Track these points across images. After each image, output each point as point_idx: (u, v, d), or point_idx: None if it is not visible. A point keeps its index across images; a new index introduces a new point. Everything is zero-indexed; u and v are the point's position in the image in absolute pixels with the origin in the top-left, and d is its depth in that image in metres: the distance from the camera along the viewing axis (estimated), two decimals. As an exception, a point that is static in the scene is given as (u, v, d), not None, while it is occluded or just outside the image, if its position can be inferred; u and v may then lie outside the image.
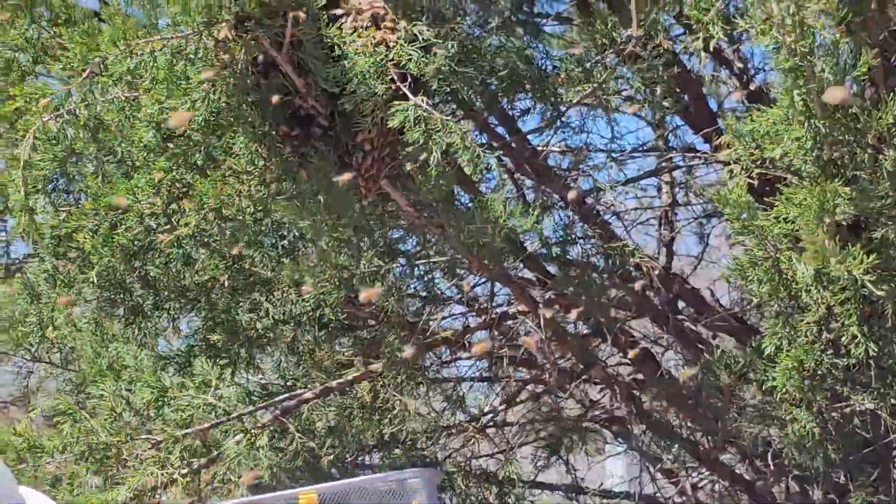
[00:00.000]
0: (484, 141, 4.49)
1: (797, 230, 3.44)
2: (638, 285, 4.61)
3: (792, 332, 3.64)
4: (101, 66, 3.43)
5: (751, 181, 3.57)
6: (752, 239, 3.55)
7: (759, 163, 3.56)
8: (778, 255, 3.52)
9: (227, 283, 4.45)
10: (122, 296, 4.40)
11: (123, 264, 3.90)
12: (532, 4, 5.01)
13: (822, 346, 3.62)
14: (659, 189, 5.56)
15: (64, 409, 4.36)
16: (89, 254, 3.79)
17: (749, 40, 4.66)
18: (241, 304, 4.63)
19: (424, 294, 4.93)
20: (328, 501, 3.87)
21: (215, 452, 4.32)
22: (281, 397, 4.65)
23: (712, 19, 3.50)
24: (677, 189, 5.46)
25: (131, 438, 4.20)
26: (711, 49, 3.63)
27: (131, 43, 3.33)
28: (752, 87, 4.98)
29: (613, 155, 4.86)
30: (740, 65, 4.99)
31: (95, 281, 3.77)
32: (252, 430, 4.31)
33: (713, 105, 5.46)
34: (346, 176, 3.46)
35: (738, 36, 4.72)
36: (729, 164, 3.59)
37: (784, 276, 3.56)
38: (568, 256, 4.63)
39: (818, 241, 3.34)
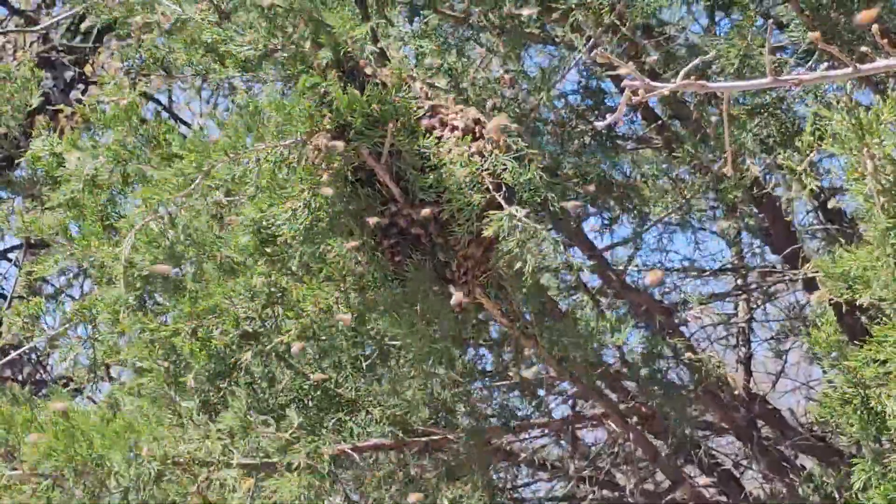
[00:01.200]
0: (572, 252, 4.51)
1: (888, 372, 3.41)
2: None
3: (881, 468, 3.58)
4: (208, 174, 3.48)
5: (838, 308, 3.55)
6: (842, 377, 3.51)
7: (847, 303, 3.53)
8: (867, 393, 3.48)
9: (311, 404, 4.44)
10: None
11: (215, 378, 3.91)
12: (610, 128, 5.07)
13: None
14: (736, 307, 5.55)
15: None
16: (185, 360, 3.80)
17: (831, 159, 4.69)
18: (325, 423, 4.61)
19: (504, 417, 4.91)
20: None
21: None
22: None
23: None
24: (755, 307, 5.45)
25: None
26: (796, 199, 3.64)
27: (240, 151, 3.39)
28: (829, 206, 4.99)
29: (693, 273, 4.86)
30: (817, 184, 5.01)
31: (192, 384, 3.77)
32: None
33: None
34: (459, 296, 3.48)
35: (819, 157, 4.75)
36: (814, 283, 3.57)
37: (874, 412, 3.52)
38: (654, 370, 4.61)
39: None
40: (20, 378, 6.79)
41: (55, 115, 4.41)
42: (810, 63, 4.03)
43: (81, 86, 5.64)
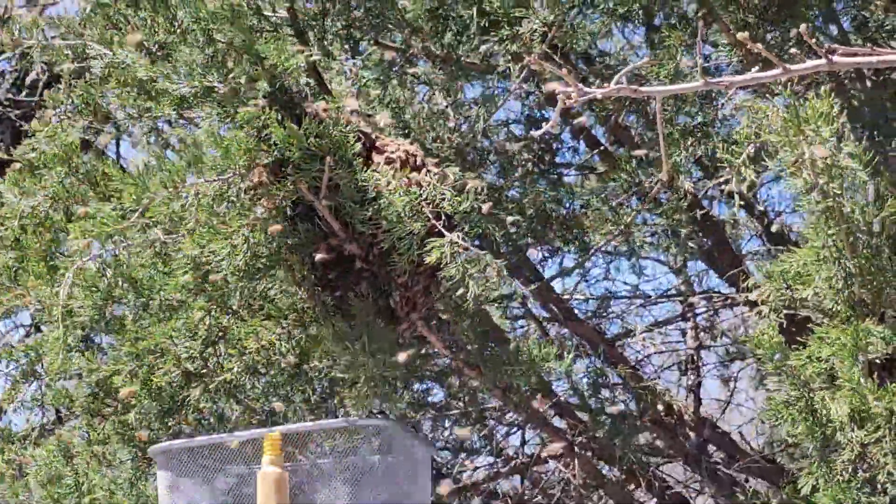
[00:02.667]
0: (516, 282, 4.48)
1: (831, 369, 3.40)
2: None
3: (828, 472, 3.58)
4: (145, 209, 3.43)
5: (780, 321, 3.55)
6: (785, 379, 3.51)
7: (787, 303, 3.54)
8: (812, 395, 3.48)
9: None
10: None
11: (158, 419, 3.85)
12: (553, 156, 5.07)
13: (859, 485, 3.56)
14: (684, 333, 5.53)
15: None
16: (126, 403, 3.74)
17: (773, 183, 4.70)
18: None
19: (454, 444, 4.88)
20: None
21: None
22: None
23: (744, 161, 3.51)
24: (702, 332, 5.44)
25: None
26: (736, 193, 3.64)
27: (179, 186, 3.34)
28: (773, 229, 5.00)
29: (639, 300, 4.85)
30: (761, 207, 5.02)
31: (133, 423, 3.71)
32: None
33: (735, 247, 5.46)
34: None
35: (762, 180, 4.75)
36: (757, 304, 3.57)
37: (818, 415, 3.51)
38: (599, 399, 4.59)
39: (854, 379, 3.31)
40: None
41: (2, 168, 4.35)
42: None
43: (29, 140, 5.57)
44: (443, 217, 3.43)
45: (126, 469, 4.14)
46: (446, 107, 5.12)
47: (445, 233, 3.39)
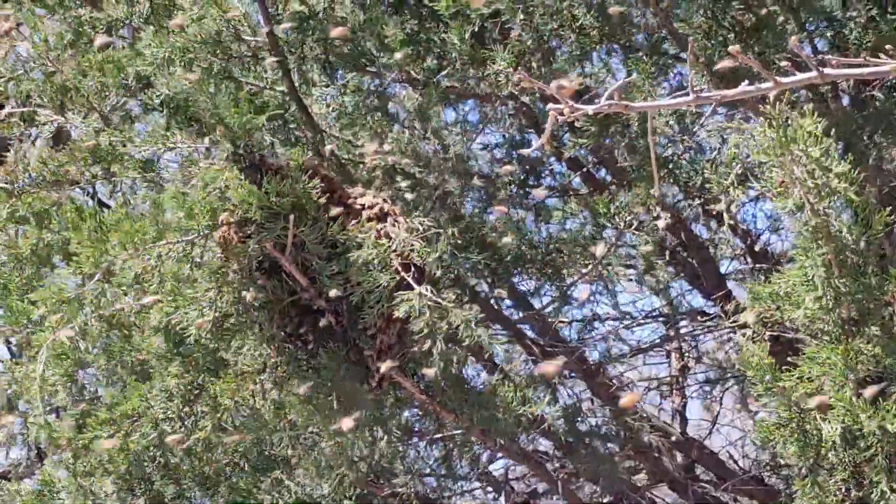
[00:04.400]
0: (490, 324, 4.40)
1: (821, 389, 3.34)
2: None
3: (821, 492, 3.51)
4: (109, 271, 3.36)
5: (768, 342, 3.48)
6: (776, 400, 3.44)
7: (774, 325, 3.47)
8: (803, 416, 3.41)
9: (247, 466, 4.31)
10: (142, 486, 4.27)
11: (139, 469, 3.77)
12: (538, 178, 4.98)
13: (852, 505, 3.50)
14: (668, 355, 5.45)
15: None
16: (106, 462, 3.66)
17: (752, 203, 4.62)
18: (262, 484, 4.47)
19: (442, 473, 4.79)
20: None
21: None
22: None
23: (732, 182, 3.44)
24: (686, 355, 5.36)
25: None
26: (725, 213, 3.57)
27: (140, 248, 3.26)
28: (756, 249, 4.92)
29: (622, 324, 4.77)
30: (743, 227, 4.94)
31: (111, 490, 3.64)
32: None
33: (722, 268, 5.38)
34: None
35: (744, 202, 4.68)
36: (745, 326, 3.50)
37: (810, 435, 3.44)
38: (580, 429, 4.50)
39: (845, 399, 3.24)
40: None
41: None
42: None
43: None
44: (412, 268, 3.37)
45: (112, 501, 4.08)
46: (426, 132, 5.03)
47: (414, 285, 3.31)
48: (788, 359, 3.41)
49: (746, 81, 2.93)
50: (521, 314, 4.62)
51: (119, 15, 4.31)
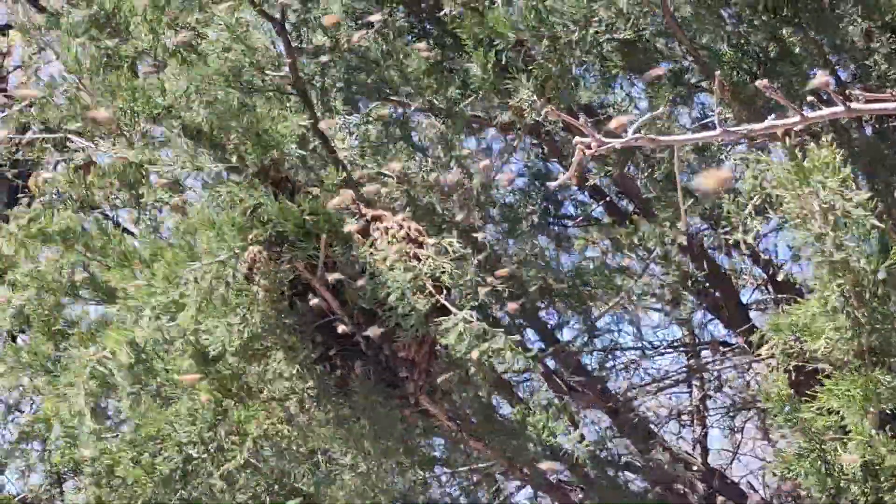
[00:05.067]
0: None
1: (842, 420, 3.29)
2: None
3: (843, 525, 3.47)
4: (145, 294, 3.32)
5: (788, 372, 3.44)
6: (795, 432, 3.39)
7: (796, 355, 3.43)
8: (823, 447, 3.36)
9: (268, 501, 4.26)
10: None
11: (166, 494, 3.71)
12: (557, 207, 4.96)
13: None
14: (689, 384, 5.41)
15: None
16: (132, 484, 3.61)
17: (774, 233, 4.59)
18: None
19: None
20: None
21: None
22: None
23: (749, 214, 3.40)
24: (707, 385, 5.32)
25: None
26: (742, 242, 3.54)
27: (174, 272, 3.22)
28: (778, 279, 4.88)
29: (645, 352, 4.73)
30: (765, 257, 4.90)
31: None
32: None
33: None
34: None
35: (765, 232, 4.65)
36: (770, 357, 3.46)
37: (830, 467, 3.39)
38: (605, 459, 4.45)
39: (865, 432, 3.19)
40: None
41: (-1, 229, 4.25)
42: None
43: (25, 199, 5.48)
44: (444, 291, 3.33)
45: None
46: (449, 160, 5.01)
47: (454, 310, 3.27)
48: (810, 389, 3.38)
49: (773, 115, 2.91)
50: (546, 348, 4.57)
51: (145, 46, 4.31)
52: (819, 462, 3.39)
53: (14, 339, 4.41)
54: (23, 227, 4.01)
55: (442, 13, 4.31)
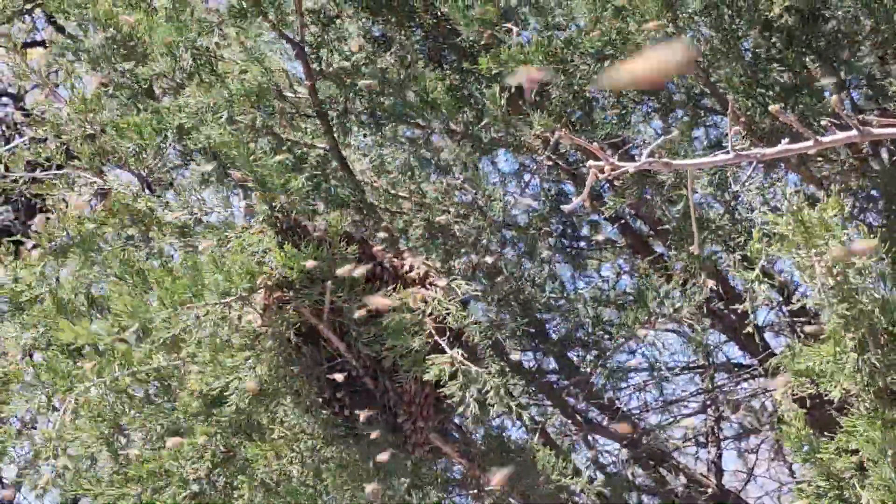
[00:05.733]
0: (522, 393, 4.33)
1: (861, 462, 3.26)
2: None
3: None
4: (145, 328, 3.30)
5: (805, 409, 3.40)
6: (815, 470, 3.36)
7: (810, 397, 3.39)
8: (842, 485, 3.32)
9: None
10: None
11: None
12: (574, 229, 4.92)
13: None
14: (704, 407, 5.37)
15: None
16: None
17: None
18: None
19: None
20: None
21: None
22: None
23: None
24: (721, 406, 5.27)
25: None
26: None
27: (178, 308, 3.20)
28: (793, 301, 4.82)
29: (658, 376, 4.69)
30: (781, 279, 4.84)
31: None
32: None
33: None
34: (384, 456, 3.29)
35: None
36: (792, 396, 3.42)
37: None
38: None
39: (885, 475, 3.15)
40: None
41: (17, 247, 4.25)
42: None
43: (42, 215, 5.48)
44: (447, 332, 3.31)
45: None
46: (463, 182, 4.99)
47: (447, 349, 3.25)
48: (829, 423, 3.34)
49: (787, 139, 2.87)
50: (567, 381, 4.54)
51: (163, 69, 4.29)
52: (838, 502, 3.35)
53: (31, 356, 4.41)
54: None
55: (459, 38, 4.29)
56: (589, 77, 3.79)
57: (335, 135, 4.31)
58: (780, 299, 4.93)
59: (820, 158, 4.26)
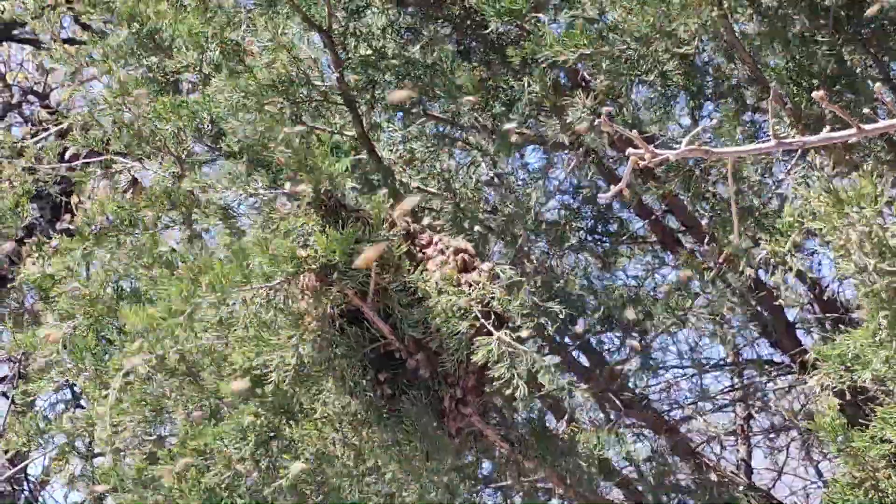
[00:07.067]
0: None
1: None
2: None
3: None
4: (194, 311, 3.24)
5: (840, 401, 3.33)
6: (848, 460, 3.29)
7: (846, 384, 3.31)
8: (877, 475, 3.25)
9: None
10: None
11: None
12: (605, 224, 4.87)
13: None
14: (735, 403, 5.30)
15: None
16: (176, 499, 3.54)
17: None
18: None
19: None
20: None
21: None
22: None
23: (790, 250, 3.30)
24: (752, 405, 5.21)
25: None
26: (787, 269, 3.43)
27: (227, 291, 3.14)
28: (825, 297, 4.78)
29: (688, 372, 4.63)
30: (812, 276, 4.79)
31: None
32: None
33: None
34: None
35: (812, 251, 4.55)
36: (821, 389, 3.35)
37: (884, 496, 3.29)
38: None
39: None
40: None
41: (41, 246, 4.20)
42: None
43: (68, 216, 5.45)
44: (492, 315, 3.25)
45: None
46: (492, 177, 4.94)
47: (493, 331, 3.19)
48: (862, 413, 3.28)
49: (828, 127, 2.81)
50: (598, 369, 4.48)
51: (189, 61, 4.25)
52: (873, 492, 3.29)
53: (65, 346, 4.36)
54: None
55: (487, 31, 4.24)
56: (636, 62, 3.74)
57: (363, 123, 4.28)
58: (813, 296, 4.87)
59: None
